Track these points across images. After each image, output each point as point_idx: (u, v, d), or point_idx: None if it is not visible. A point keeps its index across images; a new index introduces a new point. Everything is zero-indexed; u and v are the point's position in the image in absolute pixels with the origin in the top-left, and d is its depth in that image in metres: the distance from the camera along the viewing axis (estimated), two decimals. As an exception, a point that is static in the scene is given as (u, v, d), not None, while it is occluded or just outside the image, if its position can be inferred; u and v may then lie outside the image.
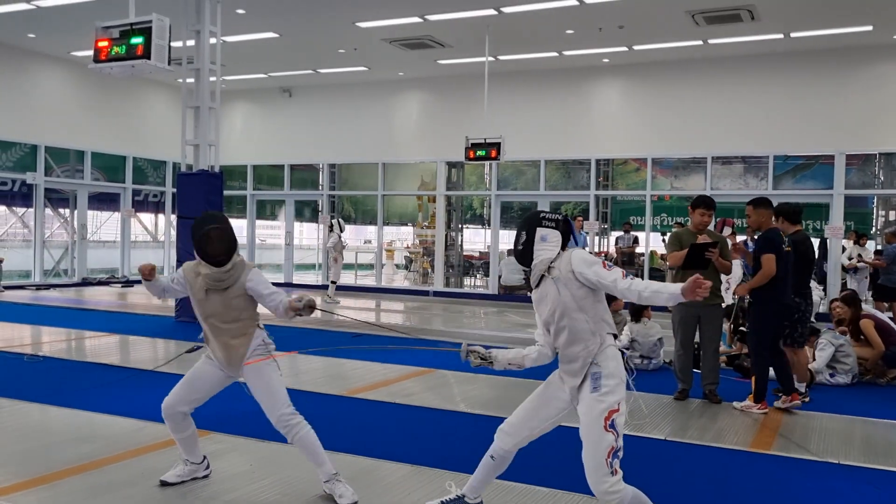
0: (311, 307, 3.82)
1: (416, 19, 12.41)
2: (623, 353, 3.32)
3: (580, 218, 14.05)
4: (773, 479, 4.48)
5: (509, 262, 16.14)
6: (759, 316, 6.09)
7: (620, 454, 3.14)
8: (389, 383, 6.84)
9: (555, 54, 14.46)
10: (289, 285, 18.05)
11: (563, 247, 3.37)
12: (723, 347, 7.73)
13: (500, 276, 16.22)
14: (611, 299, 4.14)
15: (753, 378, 6.13)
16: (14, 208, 16.51)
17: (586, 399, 3.21)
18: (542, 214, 3.45)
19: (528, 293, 3.51)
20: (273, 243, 21.00)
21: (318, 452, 3.90)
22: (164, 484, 3.93)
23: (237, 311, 3.92)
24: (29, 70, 15.55)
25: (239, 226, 19.36)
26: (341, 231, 14.54)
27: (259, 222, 19.37)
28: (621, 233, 16.02)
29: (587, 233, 14.56)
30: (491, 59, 14.05)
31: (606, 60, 14.89)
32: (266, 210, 19.73)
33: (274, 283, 4.05)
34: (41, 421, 5.34)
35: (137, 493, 3.86)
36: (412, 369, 7.51)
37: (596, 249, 16.08)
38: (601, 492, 3.12)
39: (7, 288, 14.67)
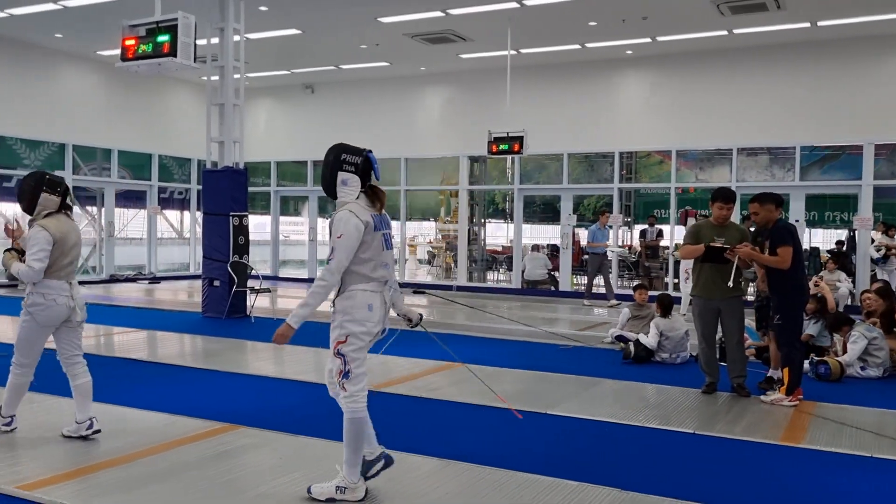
0: None
1: (439, 13, 12.40)
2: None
3: (606, 212, 13.92)
4: (804, 473, 4.44)
5: (533, 258, 16.10)
6: (788, 308, 6.05)
7: (351, 376, 3.69)
8: (415, 378, 6.85)
9: (577, 47, 14.38)
10: (311, 281, 18.14)
11: (364, 186, 3.79)
12: (750, 340, 7.66)
13: (523, 271, 16.18)
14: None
15: (785, 370, 6.07)
16: (43, 206, 16.74)
17: (330, 329, 3.80)
18: (342, 156, 3.78)
19: (551, 288, 3.67)
20: (296, 239, 21.11)
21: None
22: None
23: None
24: (56, 70, 15.76)
25: (262, 222, 19.50)
26: None
27: (282, 218, 19.48)
28: (645, 226, 15.91)
29: (611, 226, 14.46)
30: (513, 52, 14.00)
31: (630, 52, 14.77)
32: (289, 206, 19.84)
33: (299, 279, 4.13)
34: (72, 416, 5.41)
35: (169, 486, 3.91)
36: (437, 364, 7.52)
37: (620, 243, 15.99)
38: (339, 401, 3.76)
39: (37, 285, 14.88)
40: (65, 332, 4.80)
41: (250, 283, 11.26)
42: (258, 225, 19.21)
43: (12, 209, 16.39)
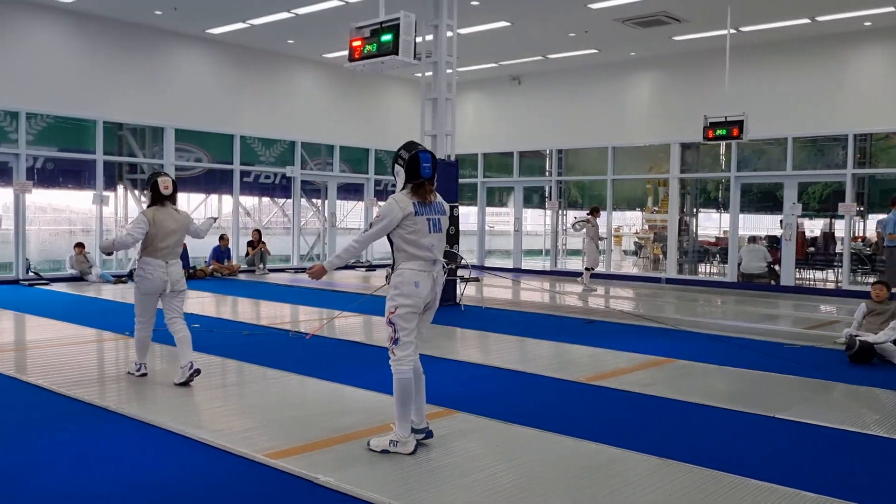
0: None
1: (651, -4, 11.96)
2: None
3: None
4: None
5: (750, 249, 15.09)
6: None
7: (400, 342, 4.20)
8: (624, 372, 6.68)
9: (806, 21, 13.21)
10: (517, 270, 18.33)
11: (409, 181, 4.26)
12: None
13: (739, 264, 15.23)
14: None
15: None
16: (275, 199, 18.38)
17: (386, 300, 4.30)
18: (399, 152, 4.35)
19: (770, 282, 3.54)
20: (501, 230, 21.43)
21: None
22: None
23: None
24: (288, 73, 17.17)
25: (468, 212, 19.98)
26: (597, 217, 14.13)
27: (488, 209, 19.84)
28: (883, 215, 14.30)
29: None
30: (733, 31, 13.17)
31: (868, 24, 13.33)
32: (495, 197, 20.16)
33: (503, 269, 4.34)
34: (302, 392, 5.88)
35: (389, 465, 4.10)
36: (646, 358, 7.29)
37: (852, 234, 14.54)
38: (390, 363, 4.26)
39: (271, 271, 16.39)
40: (167, 299, 6.01)
41: (459, 272, 11.58)
42: (464, 215, 19.72)
43: (250, 202, 18.14)
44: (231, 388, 6.10)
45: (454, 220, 11.29)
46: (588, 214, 14.02)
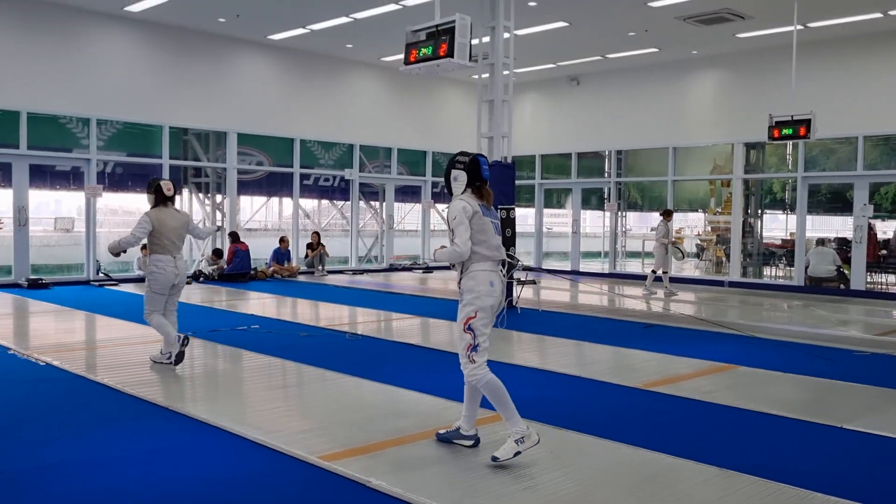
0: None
1: (713, -7, 11.69)
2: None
3: None
4: None
5: (819, 252, 14.61)
6: None
7: (479, 348, 4.14)
8: (684, 378, 6.53)
9: (878, 15, 12.72)
10: (575, 272, 18.14)
11: (471, 184, 4.27)
12: None
13: (806, 267, 14.75)
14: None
15: None
16: (334, 201, 18.61)
17: (459, 308, 4.24)
18: (456, 157, 4.38)
19: (840, 286, 3.42)
20: (559, 231, 21.25)
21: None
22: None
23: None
24: (346, 77, 17.37)
25: (526, 214, 19.88)
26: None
27: (546, 211, 19.70)
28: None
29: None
30: (800, 27, 12.76)
31: (945, 16, 12.77)
32: (553, 198, 20.00)
33: (562, 271, 4.24)
34: (358, 394, 5.91)
35: (442, 470, 4.10)
36: (708, 364, 7.11)
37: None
38: (465, 374, 4.21)
39: (330, 272, 16.60)
40: (170, 293, 6.55)
41: (516, 274, 11.51)
42: (522, 217, 19.62)
43: (310, 204, 18.39)
44: (289, 390, 6.19)
45: (510, 222, 11.24)
46: (661, 216, 13.70)
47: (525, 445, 4.09)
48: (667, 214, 13.66)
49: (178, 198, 15.27)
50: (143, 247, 14.36)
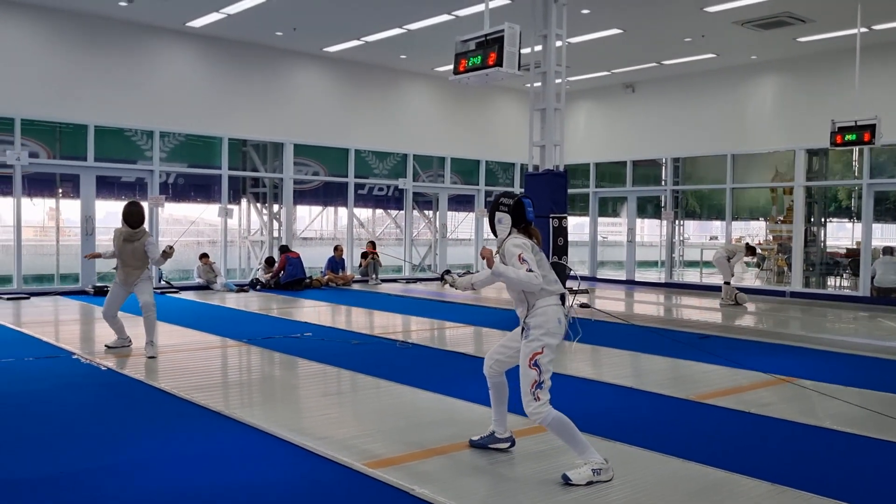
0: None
1: (773, -4, 11.43)
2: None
3: None
4: None
5: (885, 262, 14.10)
6: None
7: (544, 386, 4.03)
8: (741, 391, 6.37)
9: (948, 16, 12.26)
10: (630, 282, 17.89)
11: (515, 225, 4.26)
12: None
13: (872, 277, 14.24)
14: None
15: None
16: (388, 211, 18.78)
17: (523, 343, 4.16)
18: (500, 199, 4.32)
19: None
20: (614, 240, 20.99)
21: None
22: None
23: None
24: (399, 88, 17.54)
25: (580, 223, 19.70)
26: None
27: (601, 219, 19.49)
28: None
29: None
30: (864, 30, 12.37)
31: None
32: (608, 207, 19.78)
33: (616, 280, 4.12)
34: (408, 402, 5.94)
35: (488, 480, 4.10)
36: (765, 377, 6.92)
37: None
38: (528, 412, 4.07)
39: (383, 281, 16.74)
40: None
41: (569, 283, 11.42)
42: (576, 226, 19.46)
43: (364, 214, 18.58)
44: (340, 397, 6.26)
45: (563, 230, 11.15)
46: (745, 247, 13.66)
47: (600, 478, 3.97)
48: (750, 250, 13.52)
49: (236, 207, 15.76)
50: (203, 255, 14.83)
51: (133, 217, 7.61)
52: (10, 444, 4.66)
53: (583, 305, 11.76)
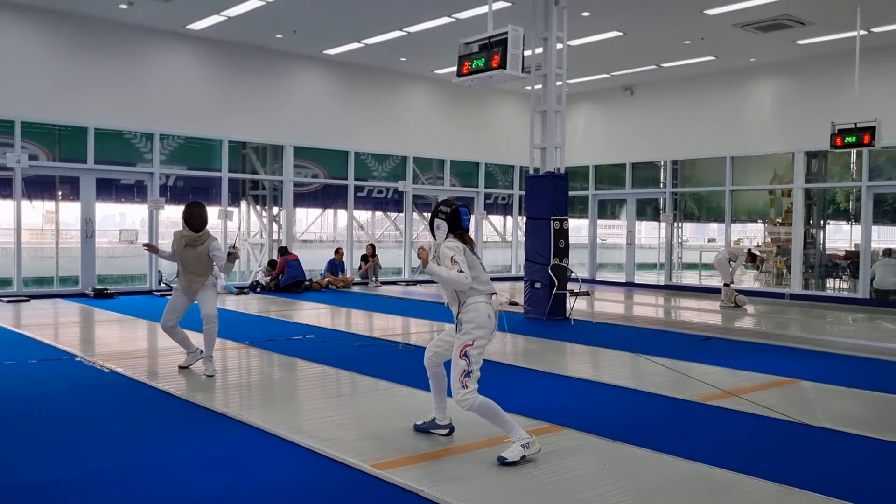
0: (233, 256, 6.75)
1: (772, -1, 11.46)
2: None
3: None
4: None
5: (885, 264, 14.14)
6: None
7: (472, 375, 4.37)
8: (742, 392, 6.37)
9: (946, 19, 12.30)
10: (630, 285, 17.91)
11: (452, 231, 4.57)
12: None
13: (872, 279, 14.28)
14: None
15: None
16: (388, 213, 18.78)
17: (456, 337, 4.52)
18: (439, 208, 4.63)
19: None
20: (613, 242, 21.01)
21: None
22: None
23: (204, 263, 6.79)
24: (400, 90, 17.55)
25: (579, 225, 19.72)
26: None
27: (600, 222, 19.51)
28: None
29: None
30: (863, 32, 12.41)
31: None
32: (607, 209, 19.81)
33: (616, 283, 4.08)
34: (412, 404, 5.93)
35: (493, 481, 4.09)
36: (767, 378, 6.94)
37: None
38: (457, 399, 4.40)
39: (383, 283, 16.74)
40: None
41: (570, 285, 11.43)
42: (576, 228, 19.48)
43: (364, 216, 18.56)
44: (343, 399, 6.26)
45: (564, 233, 11.18)
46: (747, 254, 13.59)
47: (530, 451, 4.32)
48: (751, 257, 13.48)
49: (235, 210, 15.77)
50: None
51: (195, 219, 6.74)
52: (14, 448, 4.65)
53: (512, 303, 11.91)
